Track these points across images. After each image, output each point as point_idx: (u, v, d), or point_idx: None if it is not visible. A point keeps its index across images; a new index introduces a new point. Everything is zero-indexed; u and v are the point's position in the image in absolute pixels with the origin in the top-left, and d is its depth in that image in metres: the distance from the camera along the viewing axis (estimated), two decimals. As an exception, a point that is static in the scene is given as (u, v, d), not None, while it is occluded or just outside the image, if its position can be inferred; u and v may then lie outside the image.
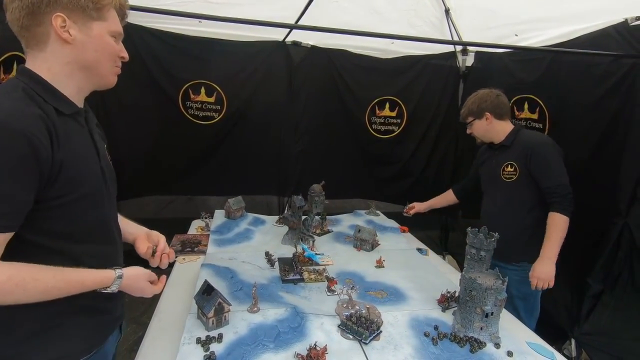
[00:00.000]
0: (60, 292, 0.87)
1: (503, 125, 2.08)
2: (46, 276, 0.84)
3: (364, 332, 1.38)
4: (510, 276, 1.74)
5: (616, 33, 2.05)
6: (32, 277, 0.82)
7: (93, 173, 0.96)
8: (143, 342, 1.37)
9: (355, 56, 3.31)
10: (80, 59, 0.91)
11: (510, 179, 2.00)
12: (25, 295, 0.82)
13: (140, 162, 3.06)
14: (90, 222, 0.96)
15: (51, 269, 0.85)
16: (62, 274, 0.86)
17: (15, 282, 0.79)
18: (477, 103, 2.09)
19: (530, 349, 1.43)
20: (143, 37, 2.82)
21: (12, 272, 0.80)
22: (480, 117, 2.09)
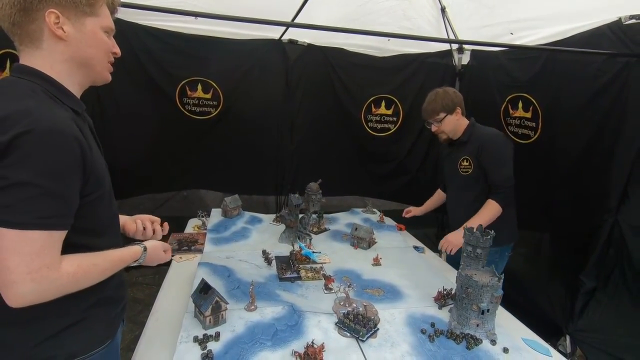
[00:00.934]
0: (111, 271, 0.96)
1: (464, 120, 2.17)
2: (99, 260, 0.93)
3: (361, 330, 1.38)
4: None
5: (610, 32, 2.06)
6: (92, 262, 0.90)
7: (104, 172, 0.98)
8: (140, 340, 1.37)
9: (352, 54, 3.30)
10: (76, 56, 0.91)
11: (467, 172, 2.14)
12: (89, 280, 0.90)
13: (139, 158, 3.04)
14: (107, 217, 1.01)
15: (99, 254, 0.93)
16: (108, 256, 0.96)
17: (83, 270, 0.87)
18: (450, 98, 2.12)
19: (526, 345, 1.44)
20: (139, 35, 2.80)
21: (78, 261, 0.86)
22: (452, 112, 2.12)
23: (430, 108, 2.15)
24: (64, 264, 0.83)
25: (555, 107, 2.41)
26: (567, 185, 2.33)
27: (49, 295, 0.82)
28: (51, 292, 0.82)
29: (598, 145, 2.17)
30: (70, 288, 0.86)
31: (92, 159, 0.87)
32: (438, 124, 2.15)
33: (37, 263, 0.77)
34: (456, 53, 3.46)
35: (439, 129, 2.17)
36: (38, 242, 0.77)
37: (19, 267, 0.75)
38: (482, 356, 1.34)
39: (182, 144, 3.15)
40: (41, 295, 0.80)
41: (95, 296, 0.97)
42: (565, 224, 2.33)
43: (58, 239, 0.82)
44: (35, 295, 0.79)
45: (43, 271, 0.78)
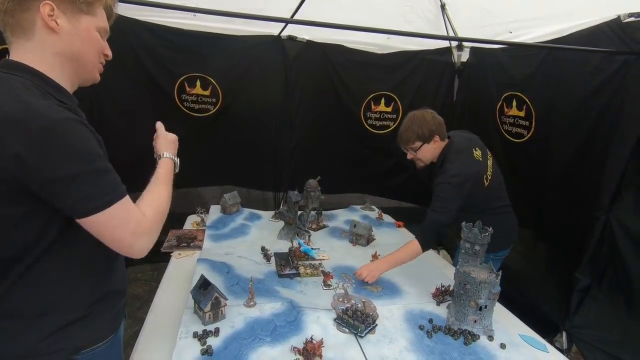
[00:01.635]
0: (169, 191, 1.08)
1: (442, 144, 2.00)
2: (158, 189, 1.05)
3: (360, 326, 1.39)
4: None
5: (609, 30, 2.07)
6: (154, 196, 1.01)
7: None
8: (140, 336, 1.38)
9: (351, 51, 3.30)
10: (67, 50, 0.90)
11: None
12: (166, 207, 1.02)
13: (136, 155, 3.03)
14: None
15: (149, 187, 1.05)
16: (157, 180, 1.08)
17: (156, 203, 0.99)
18: (427, 126, 1.93)
19: (523, 341, 1.45)
20: (137, 31, 2.78)
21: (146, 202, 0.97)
22: (429, 141, 1.94)
23: (405, 136, 1.98)
24: (143, 210, 0.93)
25: (549, 106, 2.42)
26: (561, 183, 2.34)
27: (154, 238, 0.95)
28: (153, 233, 0.94)
29: (592, 143, 2.18)
30: (161, 221, 0.98)
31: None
32: (413, 152, 2.00)
33: (132, 224, 0.88)
34: (456, 50, 3.45)
35: (415, 156, 2.02)
36: (120, 211, 0.86)
37: (124, 234, 0.87)
38: (480, 352, 1.35)
39: (181, 141, 3.13)
40: (152, 238, 0.94)
41: (103, 290, 0.99)
42: (559, 221, 2.34)
43: (129, 201, 0.90)
44: (149, 242, 0.93)
45: (139, 226, 0.89)
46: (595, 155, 2.15)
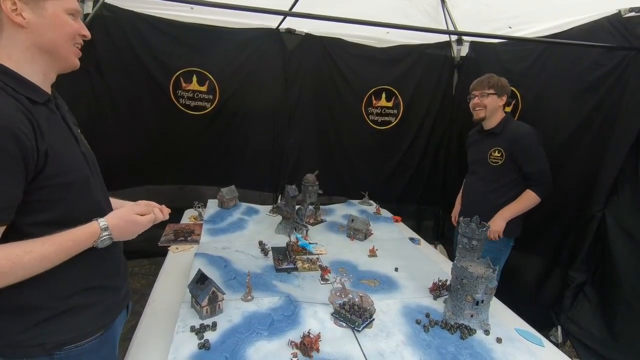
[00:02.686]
0: (57, 256, 0.87)
1: (501, 112, 2.22)
2: (36, 246, 0.84)
3: (357, 320, 1.40)
4: None
5: (609, 25, 2.06)
6: (24, 250, 0.82)
7: (76, 160, 0.95)
8: (137, 330, 1.38)
9: (350, 45, 3.27)
10: (39, 43, 0.87)
11: (496, 163, 2.17)
12: (24, 270, 0.82)
13: (132, 152, 3.01)
14: (83, 208, 0.96)
15: (38, 239, 0.85)
16: (51, 240, 0.86)
17: (12, 260, 0.80)
18: (503, 84, 2.17)
19: (519, 335, 1.46)
20: (133, 23, 2.75)
21: (4, 251, 0.80)
22: (500, 95, 2.16)
23: (484, 81, 2.19)
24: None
25: (539, 101, 2.41)
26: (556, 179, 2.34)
27: None
28: None
29: (585, 139, 2.18)
30: (3, 282, 0.80)
31: (45, 149, 0.82)
32: (482, 97, 2.17)
33: None
34: (455, 45, 3.44)
35: (480, 102, 2.18)
36: None
37: None
38: (476, 346, 1.36)
39: (177, 140, 3.10)
40: None
41: (81, 285, 0.96)
42: (560, 215, 2.35)
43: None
44: None
45: None
46: (590, 151, 2.15)
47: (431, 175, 3.78)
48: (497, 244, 2.17)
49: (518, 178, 2.13)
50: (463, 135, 3.39)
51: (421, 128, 3.62)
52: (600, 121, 2.12)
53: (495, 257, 2.13)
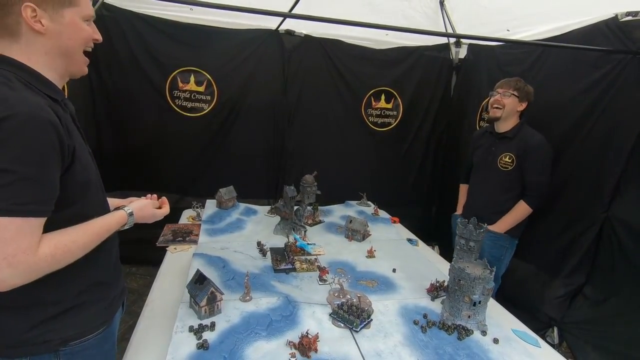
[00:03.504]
0: (95, 242, 0.94)
1: (517, 117, 2.21)
2: (79, 234, 0.90)
3: (355, 321, 1.40)
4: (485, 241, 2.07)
5: (606, 28, 2.08)
6: (70, 240, 0.88)
7: (89, 160, 0.98)
8: (135, 330, 1.38)
9: (349, 46, 3.28)
10: (56, 48, 0.89)
11: (506, 168, 2.17)
12: (70, 257, 0.88)
13: (123, 155, 2.99)
14: (96, 207, 1.01)
15: (79, 228, 0.91)
16: (89, 228, 0.93)
17: (62, 249, 0.85)
18: (528, 90, 2.17)
19: (516, 335, 1.47)
20: (132, 22, 2.76)
21: (55, 240, 0.85)
22: (521, 100, 2.15)
23: (511, 81, 2.17)
24: (42, 246, 0.81)
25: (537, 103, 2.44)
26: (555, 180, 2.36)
27: (29, 278, 0.81)
28: (31, 275, 0.81)
29: (585, 141, 2.20)
30: (51, 268, 0.84)
31: (73, 145, 0.86)
32: (504, 96, 2.16)
33: (13, 248, 0.76)
34: (454, 47, 3.46)
35: (501, 100, 2.16)
36: (12, 228, 0.76)
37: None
38: (473, 346, 1.36)
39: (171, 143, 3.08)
40: (21, 279, 0.79)
41: (88, 281, 0.98)
42: (559, 217, 2.36)
43: (36, 226, 0.80)
44: (15, 280, 0.78)
45: (19, 256, 0.77)
46: (592, 153, 2.16)
47: (429, 177, 3.80)
48: (502, 242, 2.21)
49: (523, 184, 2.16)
50: (460, 138, 3.42)
51: (420, 130, 3.64)
52: (596, 123, 2.14)
53: (499, 254, 2.23)
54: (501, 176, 2.19)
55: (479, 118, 3.08)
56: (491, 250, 2.22)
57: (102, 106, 2.85)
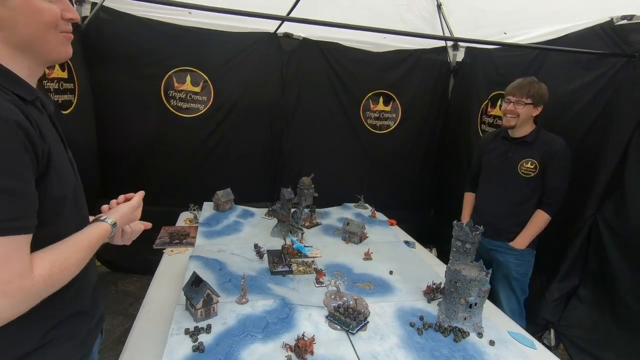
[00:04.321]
0: (85, 259, 0.84)
1: (532, 121, 2.08)
2: (70, 250, 0.80)
3: (351, 323, 1.40)
4: (508, 259, 2.13)
5: (602, 32, 2.10)
6: (64, 256, 0.77)
7: (69, 168, 0.86)
8: (131, 333, 1.37)
9: (347, 49, 3.30)
10: (13, 39, 0.74)
11: (528, 175, 2.03)
12: (68, 275, 0.78)
13: (116, 156, 2.99)
14: (73, 219, 0.87)
15: (66, 243, 0.80)
16: (78, 242, 0.82)
17: (58, 267, 0.75)
18: (543, 93, 2.00)
19: (512, 337, 1.47)
20: (131, 25, 2.77)
21: (49, 259, 0.75)
22: (536, 106, 2.01)
23: (524, 88, 2.00)
24: (36, 267, 0.70)
25: None
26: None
27: (27, 306, 0.70)
28: (29, 302, 0.70)
29: (579, 143, 2.21)
30: (48, 291, 0.74)
31: (48, 150, 0.74)
32: (518, 105, 2.01)
33: (5, 274, 0.65)
34: (451, 50, 3.47)
35: (515, 110, 2.01)
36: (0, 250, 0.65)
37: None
38: (469, 348, 1.36)
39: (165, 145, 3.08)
40: (20, 308, 0.69)
41: (60, 315, 0.85)
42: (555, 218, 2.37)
43: (25, 244, 0.69)
44: (12, 310, 0.67)
45: (14, 282, 0.66)
46: (583, 157, 2.17)
47: (427, 179, 3.81)
48: (526, 256, 2.11)
49: None
50: (458, 140, 3.43)
51: (419, 132, 3.65)
52: (592, 125, 2.15)
53: (525, 270, 2.14)
54: (522, 183, 2.05)
55: (480, 121, 3.07)
56: (517, 268, 2.13)
57: (96, 105, 2.85)
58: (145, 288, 1.70)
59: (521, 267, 2.13)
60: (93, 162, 2.88)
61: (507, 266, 2.14)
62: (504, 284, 2.18)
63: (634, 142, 1.95)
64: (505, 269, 2.15)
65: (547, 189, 2.01)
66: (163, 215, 2.45)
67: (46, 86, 2.21)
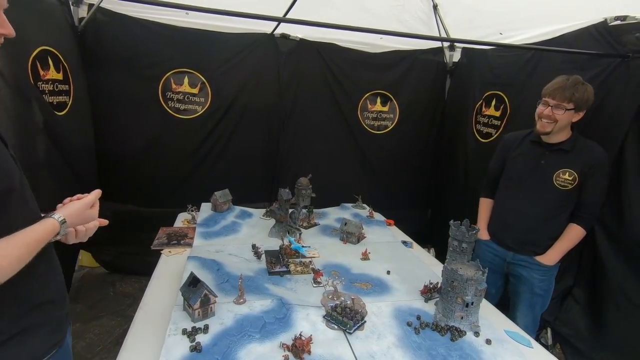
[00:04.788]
0: (26, 257, 0.82)
1: (570, 127, 1.86)
2: (7, 248, 0.79)
3: (349, 322, 1.41)
4: (533, 275, 1.96)
5: (596, 32, 2.12)
6: (2, 254, 0.77)
7: (10, 164, 0.87)
8: (128, 333, 1.37)
9: (344, 50, 3.31)
10: None
11: (565, 187, 1.82)
12: (3, 275, 0.77)
13: (115, 157, 2.99)
14: (22, 218, 0.88)
15: (8, 241, 0.79)
16: (18, 240, 0.81)
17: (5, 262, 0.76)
18: (588, 97, 1.75)
19: (508, 336, 1.48)
20: (128, 26, 2.77)
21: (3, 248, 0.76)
22: (579, 111, 1.77)
23: (568, 91, 1.74)
24: None
25: (527, 105, 2.47)
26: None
27: None
28: None
29: None
30: None
31: None
32: (558, 110, 1.76)
33: None
34: (447, 50, 3.49)
35: (553, 115, 1.77)
36: None
37: None
38: (466, 347, 1.37)
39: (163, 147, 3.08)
40: None
41: (28, 305, 0.88)
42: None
43: None
44: None
45: None
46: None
47: (424, 179, 3.83)
48: (552, 271, 1.96)
49: None
50: (454, 140, 3.45)
51: (417, 133, 3.66)
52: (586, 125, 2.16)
53: (548, 286, 1.99)
54: (557, 196, 1.84)
55: (474, 121, 3.10)
56: (541, 284, 1.97)
57: (94, 107, 2.84)
58: (143, 289, 1.70)
59: (544, 283, 1.97)
60: (91, 164, 2.88)
61: (531, 282, 1.97)
62: (525, 300, 2.01)
63: (628, 142, 1.96)
64: (528, 285, 1.99)
65: (584, 202, 1.82)
66: (161, 216, 2.46)
67: (40, 87, 2.19)
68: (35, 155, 2.15)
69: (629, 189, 1.95)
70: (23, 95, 2.03)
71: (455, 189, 3.41)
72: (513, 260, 2.03)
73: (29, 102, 2.08)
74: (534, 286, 1.97)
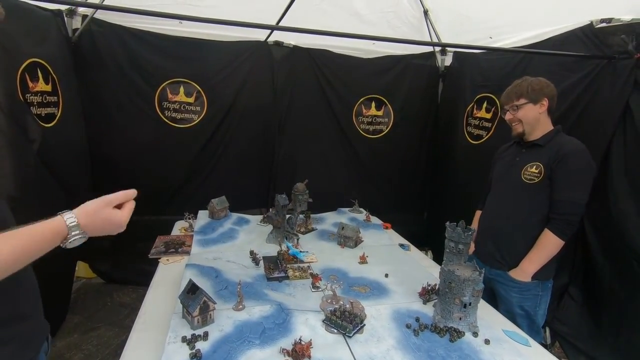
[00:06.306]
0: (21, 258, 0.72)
1: (547, 121, 1.81)
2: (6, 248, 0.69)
3: (348, 326, 1.41)
4: (510, 293, 1.82)
5: (583, 35, 2.16)
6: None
7: None
8: (127, 342, 1.37)
9: (337, 55, 3.35)
10: None
11: (532, 181, 1.75)
12: None
13: (112, 166, 2.99)
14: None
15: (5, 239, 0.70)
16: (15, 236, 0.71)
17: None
18: (538, 85, 1.77)
19: (506, 336, 1.49)
20: (122, 36, 2.79)
21: None
22: (536, 102, 1.76)
23: (512, 91, 1.81)
24: None
25: None
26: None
27: None
28: None
29: None
30: None
31: None
32: (513, 111, 1.81)
33: None
34: (439, 55, 3.54)
35: (513, 117, 1.82)
36: None
37: None
38: (465, 348, 1.38)
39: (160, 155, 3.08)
40: None
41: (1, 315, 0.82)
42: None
43: None
44: None
45: None
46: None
47: (420, 182, 3.85)
48: (533, 290, 1.79)
49: None
50: (448, 144, 3.49)
51: (411, 136, 3.70)
52: (573, 126, 2.20)
53: (534, 305, 1.81)
54: (525, 191, 1.76)
55: (465, 123, 3.15)
56: (521, 303, 1.80)
57: (89, 118, 2.85)
58: (141, 299, 1.70)
59: (527, 302, 1.79)
60: (84, 175, 2.86)
61: (509, 301, 1.82)
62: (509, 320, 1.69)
63: (615, 142, 2.00)
64: (507, 304, 1.83)
65: (554, 200, 1.69)
66: (158, 225, 2.45)
67: (28, 99, 2.15)
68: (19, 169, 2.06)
69: (615, 188, 1.98)
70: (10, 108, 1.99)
71: (450, 191, 3.44)
72: (490, 275, 1.90)
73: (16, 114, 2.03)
74: (512, 306, 1.82)
